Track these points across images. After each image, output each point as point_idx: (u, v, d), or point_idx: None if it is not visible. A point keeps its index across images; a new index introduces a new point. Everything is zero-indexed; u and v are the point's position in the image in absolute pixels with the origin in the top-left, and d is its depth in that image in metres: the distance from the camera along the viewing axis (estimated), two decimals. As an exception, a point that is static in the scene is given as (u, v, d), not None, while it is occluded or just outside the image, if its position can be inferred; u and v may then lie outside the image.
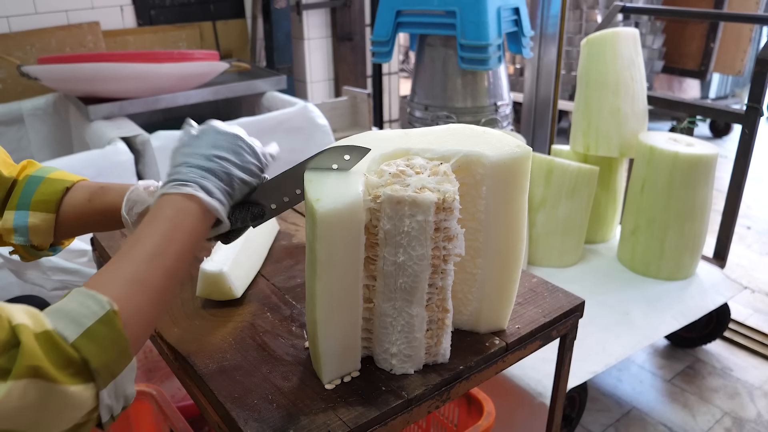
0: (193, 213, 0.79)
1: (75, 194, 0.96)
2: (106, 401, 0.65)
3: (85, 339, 0.62)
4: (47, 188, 0.95)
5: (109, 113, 2.64)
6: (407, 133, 0.98)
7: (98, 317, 0.64)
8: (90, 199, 0.95)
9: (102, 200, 0.95)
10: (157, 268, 0.73)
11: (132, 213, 0.93)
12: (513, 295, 1.03)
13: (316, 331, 0.87)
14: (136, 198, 0.93)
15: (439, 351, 0.96)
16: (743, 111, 2.17)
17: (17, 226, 0.92)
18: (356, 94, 3.53)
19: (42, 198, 0.93)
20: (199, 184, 0.80)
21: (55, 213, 0.94)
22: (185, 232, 0.77)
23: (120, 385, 0.66)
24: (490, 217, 0.94)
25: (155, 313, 0.73)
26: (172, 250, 0.75)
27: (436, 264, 0.88)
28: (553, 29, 2.89)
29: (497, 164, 0.91)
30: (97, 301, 0.65)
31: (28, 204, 0.93)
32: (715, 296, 2.16)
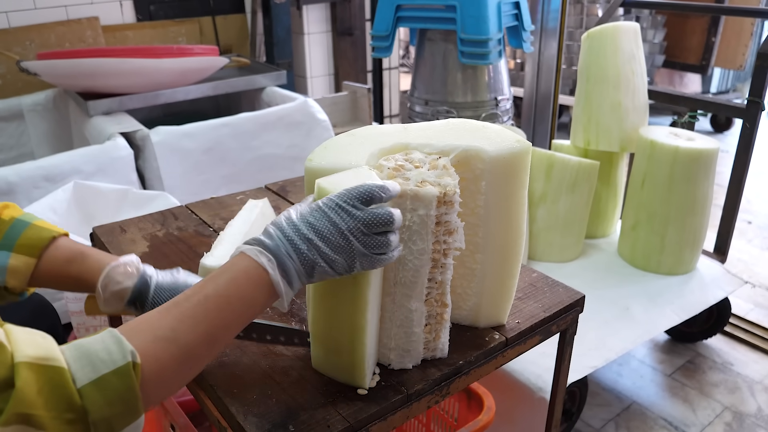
0: (263, 284, 0.74)
1: (57, 251, 0.95)
2: None
3: (93, 387, 0.60)
4: (33, 233, 0.94)
5: (109, 109, 2.64)
6: (406, 128, 0.98)
7: (116, 367, 0.61)
8: (70, 261, 0.94)
9: (80, 267, 0.94)
10: (199, 332, 0.70)
11: (107, 291, 0.91)
12: (512, 290, 1.03)
13: (357, 338, 0.84)
14: (114, 277, 0.92)
15: (438, 346, 0.96)
16: (744, 105, 2.16)
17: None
18: (356, 89, 3.53)
19: (27, 242, 0.93)
20: (280, 262, 0.74)
21: (37, 259, 0.93)
22: (244, 301, 0.73)
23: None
24: (489, 212, 0.94)
25: (181, 376, 0.70)
26: (224, 317, 0.71)
27: (436, 258, 0.88)
28: (554, 23, 2.88)
29: (497, 159, 0.90)
30: (121, 350, 0.63)
31: (12, 246, 0.92)
32: (715, 291, 2.16)
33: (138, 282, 0.92)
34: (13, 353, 0.57)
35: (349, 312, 0.83)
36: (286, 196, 1.57)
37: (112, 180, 2.28)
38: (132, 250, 1.30)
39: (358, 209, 0.75)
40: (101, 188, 2.17)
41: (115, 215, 2.10)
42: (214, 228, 1.42)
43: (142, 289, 0.91)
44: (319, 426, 0.82)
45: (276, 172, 2.72)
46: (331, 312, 0.85)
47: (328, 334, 0.87)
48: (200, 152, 2.54)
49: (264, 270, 0.73)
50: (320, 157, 0.90)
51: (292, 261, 0.74)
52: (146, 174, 2.46)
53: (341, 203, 0.76)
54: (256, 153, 2.69)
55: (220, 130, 2.57)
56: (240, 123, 2.62)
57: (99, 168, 2.27)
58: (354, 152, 0.90)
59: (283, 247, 0.74)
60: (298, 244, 0.74)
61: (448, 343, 0.97)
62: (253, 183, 2.46)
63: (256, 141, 2.67)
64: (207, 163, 2.57)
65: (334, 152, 0.91)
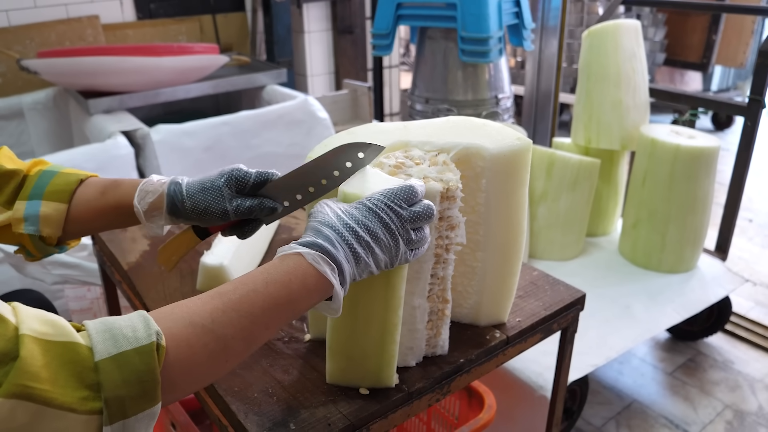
0: (317, 292, 0.71)
1: (88, 189, 0.95)
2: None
3: (112, 363, 0.57)
4: (61, 180, 0.94)
5: (109, 107, 2.63)
6: (406, 126, 0.98)
7: (138, 345, 0.58)
8: (103, 192, 0.94)
9: (115, 193, 0.93)
10: (240, 327, 0.66)
11: (144, 202, 0.90)
12: (513, 288, 1.03)
13: (389, 338, 0.84)
14: (149, 188, 0.91)
15: (438, 342, 0.96)
16: (745, 103, 2.16)
17: (28, 215, 0.91)
18: (357, 87, 3.52)
19: (55, 188, 0.92)
20: (341, 270, 0.72)
21: (68, 204, 0.93)
22: (293, 306, 0.70)
23: (130, 428, 0.58)
24: (490, 210, 0.94)
25: (212, 369, 0.65)
26: (268, 318, 0.68)
27: (439, 253, 0.88)
28: (555, 21, 2.87)
29: (497, 156, 0.90)
30: (146, 329, 0.60)
31: (41, 194, 0.92)
32: (716, 289, 2.16)
33: (170, 186, 0.89)
34: (18, 326, 0.54)
35: (380, 312, 0.82)
36: (286, 195, 1.57)
37: (113, 178, 2.27)
38: (133, 249, 1.30)
39: (403, 209, 0.76)
40: (102, 187, 2.16)
41: (115, 214, 2.10)
42: (214, 226, 1.42)
43: (175, 191, 0.88)
44: (320, 424, 0.82)
45: (276, 170, 2.71)
46: (359, 317, 0.83)
47: (353, 342, 0.85)
48: (201, 150, 2.53)
49: (321, 279, 0.70)
50: None
51: (350, 267, 0.73)
52: (147, 172, 2.46)
53: (390, 204, 0.76)
54: (256, 151, 2.69)
55: (221, 129, 2.57)
56: (240, 121, 2.62)
57: (99, 166, 2.26)
58: None
59: (343, 253, 0.72)
60: (357, 249, 0.73)
61: (449, 341, 0.97)
62: (253, 181, 2.46)
63: (256, 139, 2.67)
64: (207, 162, 2.56)
65: None
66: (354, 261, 0.73)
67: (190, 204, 0.87)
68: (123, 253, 1.29)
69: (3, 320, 0.54)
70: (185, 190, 0.88)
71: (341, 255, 0.72)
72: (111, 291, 1.51)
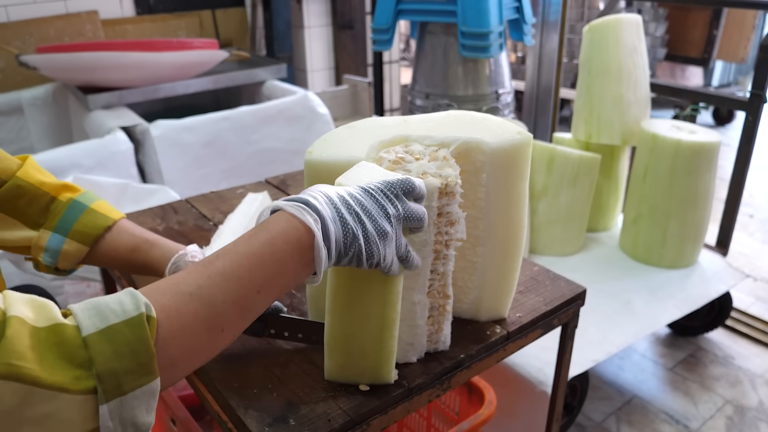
0: (301, 248, 0.66)
1: (119, 238, 0.97)
2: (107, 423, 0.53)
3: (100, 336, 0.54)
4: (89, 221, 0.96)
5: (109, 103, 2.63)
6: (406, 120, 0.97)
7: (126, 317, 0.55)
8: (134, 249, 0.97)
9: (147, 256, 0.96)
10: (229, 291, 0.62)
11: None
12: (513, 284, 1.03)
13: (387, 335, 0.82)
14: (180, 265, 0.93)
15: (440, 338, 0.95)
16: (747, 98, 2.15)
17: (50, 247, 0.94)
18: (357, 82, 3.51)
19: (82, 230, 0.95)
20: (325, 225, 0.67)
21: (90, 247, 0.96)
22: (279, 265, 0.65)
23: (128, 407, 0.55)
24: (490, 205, 0.94)
25: (208, 338, 0.62)
26: (257, 279, 0.64)
27: (438, 249, 0.88)
28: (555, 16, 2.86)
29: (497, 151, 0.90)
30: (134, 301, 0.57)
31: (67, 231, 0.94)
32: (717, 284, 2.15)
33: None
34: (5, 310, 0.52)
35: (378, 308, 0.80)
36: (286, 190, 1.57)
37: (112, 174, 2.27)
38: (132, 244, 1.30)
39: (401, 200, 0.73)
40: (101, 182, 2.16)
41: (115, 209, 2.10)
42: (213, 222, 1.42)
43: None
44: (320, 420, 0.82)
45: (276, 165, 2.71)
46: (357, 313, 0.82)
47: (351, 338, 0.84)
48: (200, 146, 2.53)
49: (304, 233, 0.66)
50: (320, 149, 0.89)
51: (336, 227, 0.67)
52: (146, 168, 2.46)
53: (386, 190, 0.72)
54: (256, 147, 2.68)
55: (220, 124, 2.56)
56: (240, 117, 2.61)
57: (99, 162, 2.26)
58: (354, 144, 0.89)
59: (329, 212, 0.67)
60: (344, 213, 0.68)
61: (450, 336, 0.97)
62: (253, 177, 2.46)
63: (256, 135, 2.67)
64: (207, 157, 2.56)
65: (334, 144, 0.90)
66: (342, 225, 0.68)
67: None
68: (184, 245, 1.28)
69: None
70: None
71: (327, 213, 0.67)
72: (110, 287, 1.51)
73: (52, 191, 0.96)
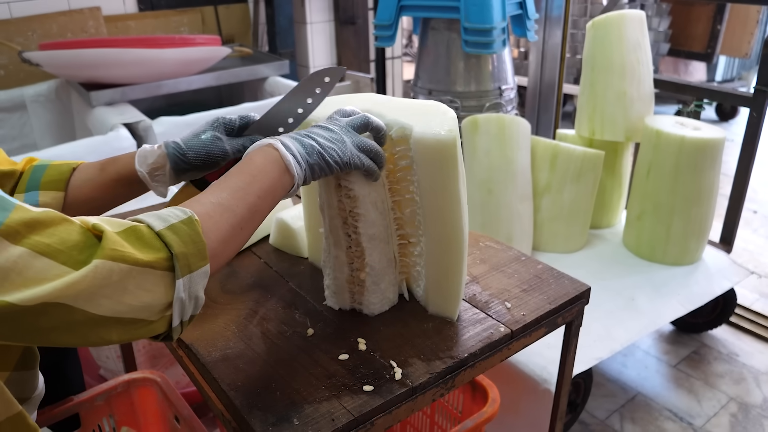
0: (278, 162, 0.86)
1: (85, 171, 1.03)
2: (181, 294, 0.71)
3: (169, 231, 0.70)
4: (54, 170, 1.01)
5: (111, 99, 2.63)
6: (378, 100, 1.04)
7: (182, 219, 0.72)
8: (102, 168, 1.02)
9: (115, 166, 1.01)
10: (240, 199, 0.81)
11: (145, 165, 0.98)
12: (457, 287, 1.02)
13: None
14: (147, 152, 0.99)
15: (363, 301, 1.04)
16: (751, 94, 2.14)
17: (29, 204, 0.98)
18: (359, 78, 3.50)
19: (50, 179, 1.00)
20: (283, 142, 0.87)
21: (64, 191, 1.00)
22: (268, 175, 0.84)
23: (195, 282, 0.72)
24: (423, 201, 0.97)
25: (234, 236, 0.80)
26: (255, 188, 0.82)
27: (343, 216, 0.97)
28: (558, 12, 2.85)
29: (420, 142, 0.92)
30: (182, 210, 0.74)
31: (38, 185, 1.00)
32: (721, 281, 2.15)
33: (167, 146, 0.98)
34: (83, 221, 0.68)
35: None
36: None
37: (115, 171, 2.27)
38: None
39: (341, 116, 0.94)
40: (104, 179, 2.16)
41: (117, 206, 2.10)
42: (217, 219, 1.41)
43: (174, 148, 0.98)
44: (324, 419, 0.82)
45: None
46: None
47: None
48: (203, 143, 2.53)
49: (274, 152, 0.86)
50: None
51: (294, 143, 0.88)
52: (149, 165, 2.45)
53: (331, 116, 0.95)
54: (258, 143, 2.68)
55: (223, 121, 2.56)
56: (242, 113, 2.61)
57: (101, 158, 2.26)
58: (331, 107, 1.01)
59: (288, 138, 0.88)
60: (298, 137, 0.89)
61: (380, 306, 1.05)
62: (256, 174, 2.45)
63: (258, 132, 2.66)
64: (210, 154, 2.56)
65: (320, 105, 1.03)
66: (298, 142, 0.88)
67: (192, 153, 0.97)
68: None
69: (69, 219, 0.67)
70: (183, 143, 0.98)
71: (284, 138, 0.89)
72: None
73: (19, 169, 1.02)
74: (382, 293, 1.05)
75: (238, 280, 1.18)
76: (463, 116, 2.21)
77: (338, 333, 1.01)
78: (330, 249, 1.03)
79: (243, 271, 1.22)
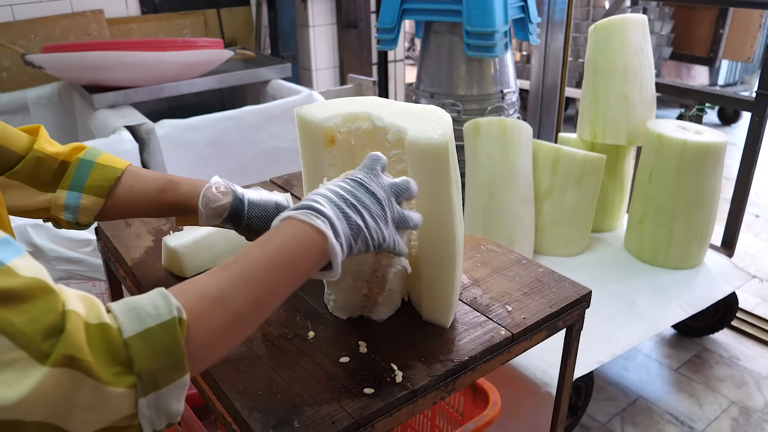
0: (312, 250, 0.74)
1: (141, 184, 1.05)
2: (145, 412, 0.60)
3: (139, 339, 0.60)
4: (100, 174, 1.02)
5: (114, 102, 2.63)
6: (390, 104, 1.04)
7: (161, 321, 0.61)
8: (162, 191, 1.04)
9: (175, 194, 1.04)
10: (248, 293, 0.69)
11: (208, 208, 1.01)
12: (451, 295, 1.01)
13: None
14: (211, 197, 1.01)
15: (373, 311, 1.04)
16: (753, 98, 2.14)
17: (68, 205, 1.01)
18: (361, 81, 3.51)
19: (95, 183, 1.02)
20: (332, 223, 0.75)
21: (105, 198, 1.03)
22: (293, 267, 0.72)
23: (163, 399, 0.62)
24: (417, 205, 0.96)
25: (228, 339, 0.69)
26: (272, 281, 0.71)
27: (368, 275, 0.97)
28: (561, 15, 2.85)
29: (412, 144, 0.92)
30: (167, 305, 0.63)
31: (82, 187, 1.01)
32: (722, 285, 2.15)
33: (233, 199, 1.01)
34: (64, 302, 0.57)
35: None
36: (291, 190, 1.57)
37: (117, 173, 2.27)
38: (137, 245, 1.30)
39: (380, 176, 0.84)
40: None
41: (120, 209, 2.10)
42: (218, 222, 1.41)
43: (237, 205, 1.01)
44: (324, 422, 0.82)
45: (281, 165, 2.71)
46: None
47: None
48: (205, 145, 2.53)
49: (315, 234, 0.73)
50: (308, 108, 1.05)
51: (342, 224, 0.76)
52: (151, 167, 2.46)
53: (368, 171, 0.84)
54: (260, 146, 2.68)
55: (225, 124, 2.57)
56: (245, 116, 2.61)
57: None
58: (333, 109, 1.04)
59: (332, 210, 0.76)
60: (344, 208, 0.77)
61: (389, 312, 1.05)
62: (257, 176, 2.46)
63: (260, 134, 2.67)
64: (212, 157, 2.56)
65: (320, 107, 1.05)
66: (346, 220, 0.77)
67: (247, 223, 1.01)
68: (127, 249, 1.29)
69: (54, 294, 0.57)
70: (247, 210, 1.02)
71: (329, 211, 0.76)
72: (116, 287, 1.51)
73: (64, 157, 1.03)
74: (394, 303, 1.05)
75: (239, 282, 1.19)
76: (465, 120, 2.21)
77: (339, 336, 1.01)
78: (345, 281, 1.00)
79: (244, 273, 1.22)
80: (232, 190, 1.03)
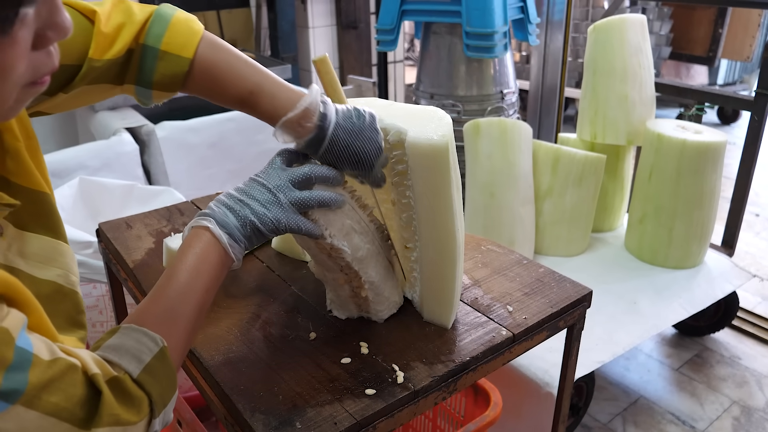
0: (215, 246, 0.82)
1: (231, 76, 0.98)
2: (156, 427, 0.71)
3: (146, 374, 0.69)
4: (166, 69, 0.89)
5: (114, 104, 2.64)
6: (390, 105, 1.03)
7: (154, 353, 0.71)
8: (252, 92, 0.99)
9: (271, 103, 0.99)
10: (189, 302, 0.78)
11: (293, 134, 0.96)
12: (451, 295, 1.01)
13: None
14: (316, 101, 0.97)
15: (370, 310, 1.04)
16: (752, 97, 2.15)
17: (140, 97, 0.93)
18: (361, 82, 3.51)
19: (162, 80, 0.90)
20: (219, 221, 0.83)
21: (177, 90, 0.94)
22: (211, 264, 0.81)
23: (167, 412, 0.73)
24: (417, 205, 0.96)
25: (188, 344, 0.79)
26: (201, 283, 0.80)
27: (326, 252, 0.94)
28: (560, 16, 2.86)
29: (413, 146, 0.91)
30: (151, 338, 0.72)
31: (150, 83, 0.90)
32: (723, 285, 2.15)
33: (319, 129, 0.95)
34: (88, 368, 0.64)
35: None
36: (291, 192, 1.57)
37: (118, 175, 2.28)
38: (138, 246, 1.30)
39: (283, 169, 0.90)
40: (107, 184, 2.17)
41: (120, 211, 2.10)
42: (219, 224, 1.42)
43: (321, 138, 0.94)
44: (326, 423, 0.82)
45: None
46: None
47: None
48: (205, 147, 2.53)
49: (207, 233, 0.82)
50: None
51: (228, 218, 0.83)
52: (152, 169, 2.46)
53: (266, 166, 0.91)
54: (261, 147, 2.68)
55: (225, 125, 2.57)
56: (245, 118, 2.60)
57: (104, 163, 2.26)
58: None
59: (219, 211, 0.84)
60: (230, 204, 0.85)
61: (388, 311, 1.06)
62: (258, 178, 2.46)
63: (261, 135, 2.67)
64: (212, 158, 2.57)
65: None
66: (232, 214, 0.83)
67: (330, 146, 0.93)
68: (128, 251, 1.29)
69: (75, 369, 0.63)
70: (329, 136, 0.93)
71: (217, 211, 0.84)
72: (117, 288, 1.51)
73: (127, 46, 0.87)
74: (387, 300, 1.05)
75: (240, 284, 1.19)
76: (465, 120, 2.21)
77: (340, 337, 1.01)
78: (324, 273, 1.02)
79: (245, 275, 1.22)
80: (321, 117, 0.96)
